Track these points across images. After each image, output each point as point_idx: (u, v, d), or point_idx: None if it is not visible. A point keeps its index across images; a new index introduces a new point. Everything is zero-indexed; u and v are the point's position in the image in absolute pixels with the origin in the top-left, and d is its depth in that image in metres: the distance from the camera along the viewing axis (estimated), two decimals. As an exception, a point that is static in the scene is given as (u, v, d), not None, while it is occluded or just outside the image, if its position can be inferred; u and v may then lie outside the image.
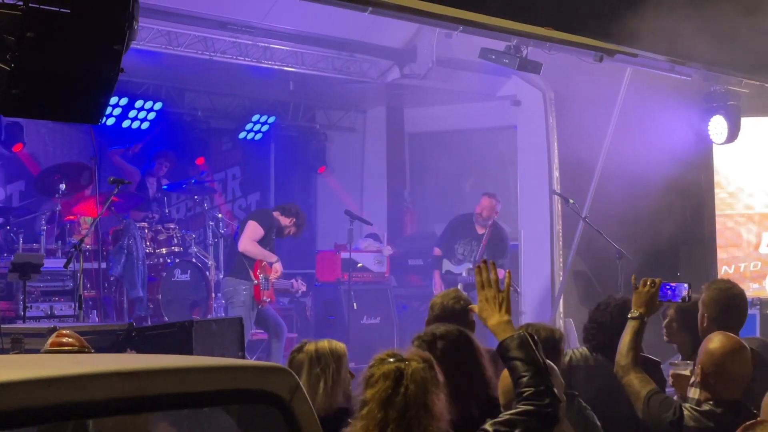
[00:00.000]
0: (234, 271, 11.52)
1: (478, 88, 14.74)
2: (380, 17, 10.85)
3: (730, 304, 6.13)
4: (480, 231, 13.18)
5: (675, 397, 5.61)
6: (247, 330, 11.30)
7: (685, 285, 5.84)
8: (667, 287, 5.77)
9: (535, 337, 4.29)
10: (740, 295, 6.25)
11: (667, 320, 6.85)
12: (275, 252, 11.79)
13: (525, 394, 4.10)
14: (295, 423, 3.23)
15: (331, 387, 5.43)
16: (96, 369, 3.05)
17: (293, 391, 3.26)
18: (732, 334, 5.29)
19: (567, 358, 6.08)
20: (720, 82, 12.98)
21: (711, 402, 5.11)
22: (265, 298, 11.45)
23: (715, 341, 5.16)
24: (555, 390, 4.17)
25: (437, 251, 13.44)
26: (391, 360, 3.88)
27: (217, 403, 3.30)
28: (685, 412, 5.16)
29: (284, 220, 11.70)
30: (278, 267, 11.62)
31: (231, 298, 11.44)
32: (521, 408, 4.10)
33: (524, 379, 4.12)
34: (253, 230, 11.38)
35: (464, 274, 13.02)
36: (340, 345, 5.61)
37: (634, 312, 5.64)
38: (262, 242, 11.48)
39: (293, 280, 12.49)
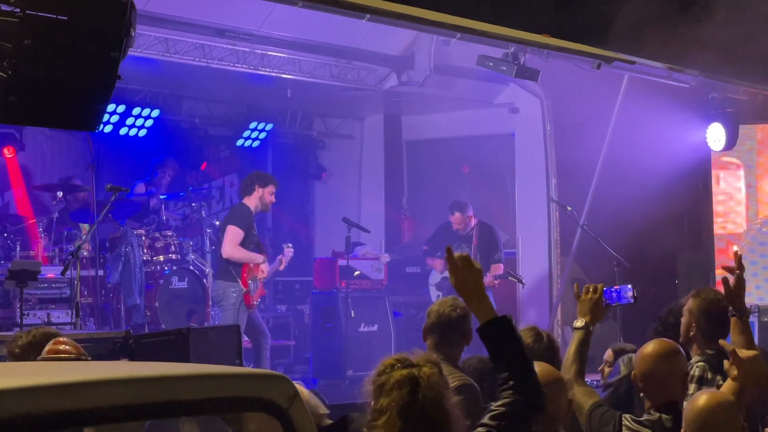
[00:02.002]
0: (221, 274, 11.37)
1: (475, 95, 14.74)
2: (378, 25, 10.86)
3: (720, 315, 6.09)
4: (466, 233, 13.21)
5: None
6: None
7: (629, 286, 5.78)
8: (611, 291, 5.71)
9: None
10: (726, 306, 6.21)
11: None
12: (262, 245, 11.69)
13: (506, 387, 4.13)
14: (293, 431, 3.21)
15: None
16: (92, 377, 3.03)
17: (291, 399, 3.24)
18: (667, 340, 5.29)
19: None
20: (718, 89, 13.00)
21: (651, 409, 5.09)
22: (254, 301, 11.40)
23: (648, 347, 5.16)
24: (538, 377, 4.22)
25: (425, 247, 13.51)
26: (402, 366, 3.84)
27: (215, 410, 3.28)
28: (624, 423, 5.14)
29: (255, 201, 11.49)
30: (265, 268, 11.52)
31: (221, 301, 11.27)
32: (506, 400, 4.12)
33: (506, 374, 4.15)
34: (233, 235, 11.20)
35: None
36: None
37: (579, 322, 5.52)
38: (245, 242, 11.26)
39: (279, 257, 12.23)
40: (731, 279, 5.41)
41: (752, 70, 11.62)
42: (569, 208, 12.92)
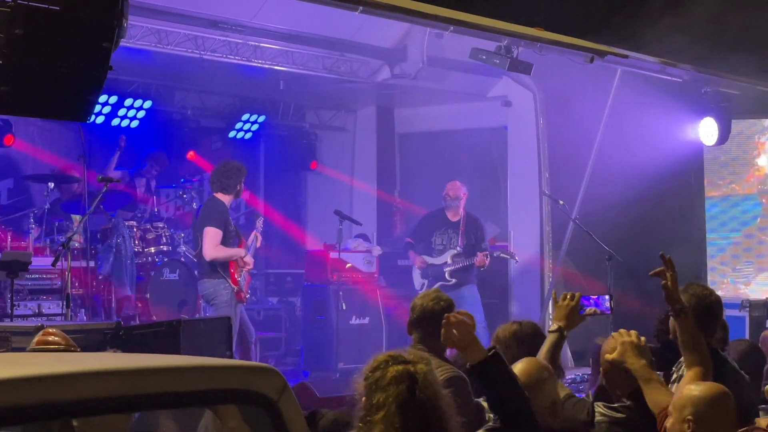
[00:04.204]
0: (209, 273, 11.04)
1: (468, 88, 14.73)
2: (371, 17, 10.84)
3: (708, 312, 6.11)
4: (453, 218, 13.16)
5: None
6: (234, 329, 11.23)
7: (606, 296, 5.92)
8: (588, 300, 5.82)
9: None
10: (716, 302, 6.23)
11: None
12: (240, 233, 11.55)
13: (509, 408, 4.43)
14: (282, 424, 3.20)
15: None
16: (82, 368, 3.02)
17: (281, 391, 3.24)
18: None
19: None
20: (710, 83, 13.00)
21: (622, 398, 5.22)
22: (246, 295, 11.35)
23: (609, 341, 5.26)
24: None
25: (408, 240, 13.49)
26: (396, 362, 3.86)
27: (205, 402, 3.28)
28: (598, 410, 5.27)
29: (231, 197, 11.34)
30: (249, 259, 11.39)
31: (213, 299, 11.04)
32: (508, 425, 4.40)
33: (508, 394, 4.44)
34: (212, 236, 10.90)
35: (449, 260, 13.00)
36: None
37: (553, 325, 5.71)
38: (225, 240, 11.03)
39: (252, 233, 12.01)
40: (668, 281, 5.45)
41: (745, 65, 11.62)
42: (561, 202, 12.93)
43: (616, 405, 5.23)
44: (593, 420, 5.25)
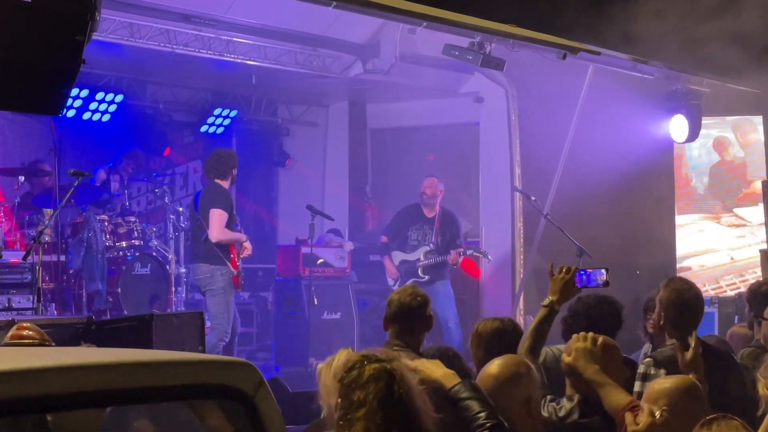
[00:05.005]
0: (207, 256, 11.04)
1: (440, 84, 14.75)
2: (344, 12, 10.84)
3: (687, 306, 6.15)
4: (429, 214, 13.19)
5: None
6: (231, 317, 11.20)
7: (602, 270, 5.82)
8: (582, 273, 5.77)
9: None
10: (697, 296, 6.25)
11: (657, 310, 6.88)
12: (239, 223, 11.63)
13: (488, 425, 4.41)
14: (258, 419, 3.20)
15: None
16: (57, 362, 3.01)
17: (257, 386, 3.24)
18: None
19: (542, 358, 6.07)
20: (681, 81, 13.08)
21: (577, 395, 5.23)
22: (242, 282, 11.36)
23: (570, 342, 5.26)
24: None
25: (383, 238, 13.48)
26: (371, 361, 3.88)
27: (180, 397, 3.27)
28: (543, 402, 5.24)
29: (226, 183, 11.36)
30: (248, 245, 11.44)
31: (208, 285, 11.02)
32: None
33: (483, 414, 4.43)
34: (219, 218, 11.01)
35: (422, 257, 13.04)
36: None
37: (546, 300, 5.65)
38: (229, 223, 11.17)
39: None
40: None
41: (714, 62, 11.69)
42: (533, 198, 12.97)
43: (563, 398, 5.23)
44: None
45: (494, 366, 4.83)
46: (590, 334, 5.23)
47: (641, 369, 5.99)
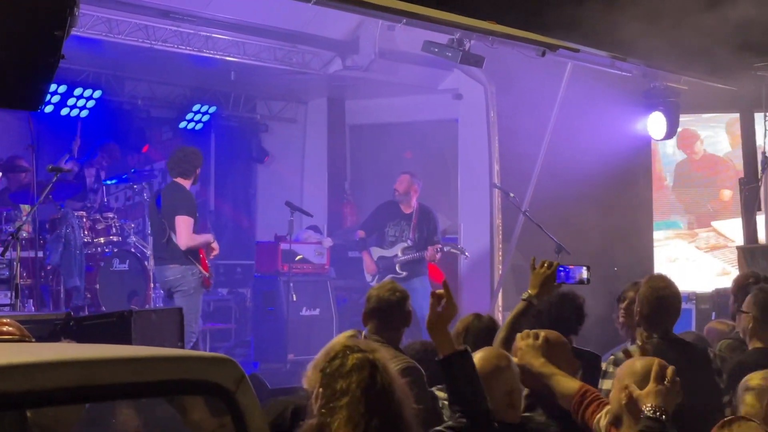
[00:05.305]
0: (178, 258, 10.87)
1: (419, 81, 14.76)
2: (323, 9, 10.82)
3: (662, 305, 6.20)
4: (406, 211, 13.21)
5: None
6: (199, 317, 11.16)
7: (582, 268, 5.88)
8: (562, 270, 5.81)
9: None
10: (674, 295, 6.28)
11: (625, 303, 6.94)
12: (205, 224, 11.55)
13: (469, 404, 4.47)
14: (239, 414, 3.21)
15: None
16: (39, 358, 3.01)
17: (238, 382, 3.24)
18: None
19: None
20: (659, 78, 13.12)
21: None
22: (212, 282, 11.30)
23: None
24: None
25: (360, 233, 13.47)
26: (353, 351, 3.90)
27: (161, 393, 3.27)
28: None
29: (188, 182, 11.27)
30: (215, 245, 11.34)
31: (179, 286, 10.84)
32: (467, 421, 4.44)
33: (469, 390, 4.50)
34: (187, 225, 10.83)
35: (399, 254, 13.05)
36: None
37: (525, 293, 5.73)
38: (196, 226, 11.02)
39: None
40: None
41: (693, 60, 11.74)
42: (512, 195, 12.98)
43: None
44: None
45: (476, 360, 4.84)
46: (532, 331, 5.28)
47: (603, 366, 6.06)
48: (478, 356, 4.91)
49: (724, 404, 6.02)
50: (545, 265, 5.75)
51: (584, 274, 5.86)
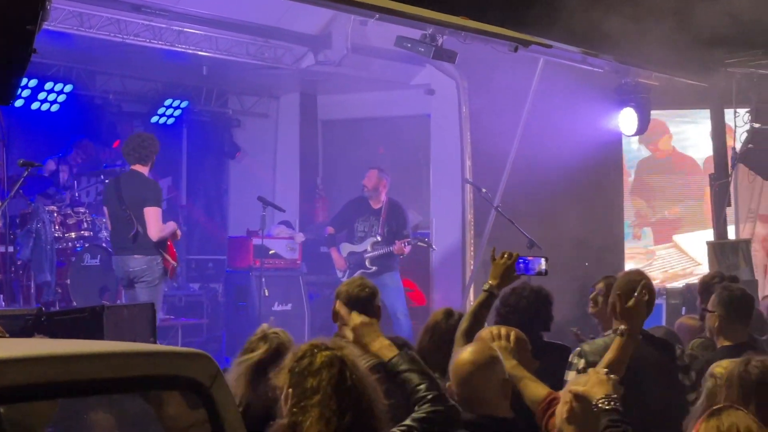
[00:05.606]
0: (145, 248, 10.72)
1: (392, 76, 14.76)
2: (296, 3, 10.81)
3: (631, 296, 6.25)
4: (375, 206, 13.22)
5: None
6: (160, 308, 11.11)
7: (541, 259, 5.94)
8: (522, 261, 5.85)
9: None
10: (648, 287, 6.35)
11: (594, 293, 6.99)
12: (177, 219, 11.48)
13: (429, 397, 4.38)
14: (215, 410, 3.21)
15: None
16: (13, 354, 3.00)
17: (213, 377, 3.24)
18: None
19: None
20: (631, 74, 13.17)
21: None
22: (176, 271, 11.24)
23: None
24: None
25: (330, 230, 13.48)
26: (321, 349, 3.91)
27: (137, 389, 3.27)
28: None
29: (146, 168, 11.03)
30: (179, 233, 11.21)
31: (145, 276, 10.69)
32: (430, 409, 4.35)
33: (423, 386, 4.42)
34: (157, 216, 10.74)
35: (369, 249, 13.06)
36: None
37: (486, 284, 5.75)
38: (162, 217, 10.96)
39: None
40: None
41: (664, 56, 11.79)
42: (484, 190, 13.00)
43: None
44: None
45: (468, 353, 4.87)
46: (502, 330, 5.30)
47: (570, 358, 6.11)
48: (470, 349, 4.93)
49: (689, 402, 6.07)
50: (505, 255, 5.79)
51: (543, 265, 5.93)
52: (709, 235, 13.95)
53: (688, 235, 15.22)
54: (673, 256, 15.17)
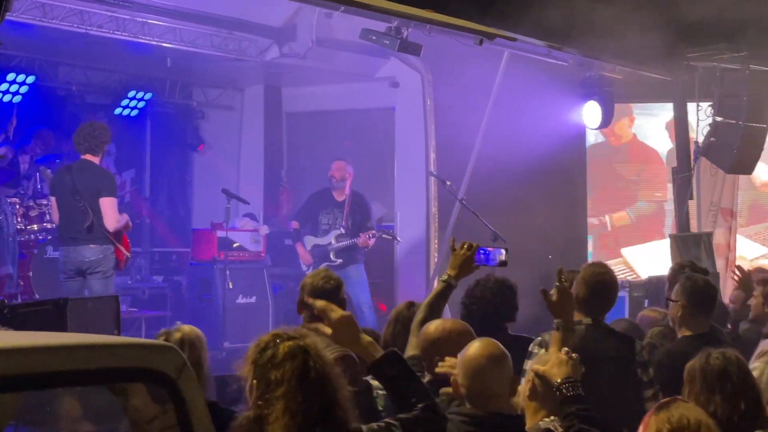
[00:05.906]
0: (99, 238, 10.51)
1: (356, 68, 14.76)
2: (261, -5, 10.80)
3: (598, 289, 6.32)
4: (339, 198, 13.21)
5: None
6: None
7: (501, 250, 5.95)
8: (482, 252, 5.85)
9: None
10: (610, 281, 6.42)
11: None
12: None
13: (416, 402, 4.32)
14: (182, 401, 3.20)
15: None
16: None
17: (180, 369, 3.24)
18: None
19: None
20: (595, 68, 13.23)
21: None
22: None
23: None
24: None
25: (295, 224, 13.46)
26: (283, 339, 3.88)
27: (104, 381, 3.26)
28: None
29: (97, 158, 10.81)
30: (130, 224, 11.07)
31: (99, 266, 10.51)
32: (419, 413, 4.31)
33: (411, 388, 4.38)
34: (113, 207, 10.57)
35: (333, 242, 13.06)
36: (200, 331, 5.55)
37: (444, 275, 5.74)
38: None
39: None
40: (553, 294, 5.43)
41: (627, 50, 11.85)
42: (448, 183, 13.03)
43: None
44: None
45: (481, 347, 4.74)
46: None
47: (530, 347, 6.16)
48: (479, 345, 4.77)
49: (647, 398, 6.11)
50: (465, 246, 5.78)
51: (503, 256, 5.94)
52: (659, 247, 14.09)
53: (637, 248, 15.33)
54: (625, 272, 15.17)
